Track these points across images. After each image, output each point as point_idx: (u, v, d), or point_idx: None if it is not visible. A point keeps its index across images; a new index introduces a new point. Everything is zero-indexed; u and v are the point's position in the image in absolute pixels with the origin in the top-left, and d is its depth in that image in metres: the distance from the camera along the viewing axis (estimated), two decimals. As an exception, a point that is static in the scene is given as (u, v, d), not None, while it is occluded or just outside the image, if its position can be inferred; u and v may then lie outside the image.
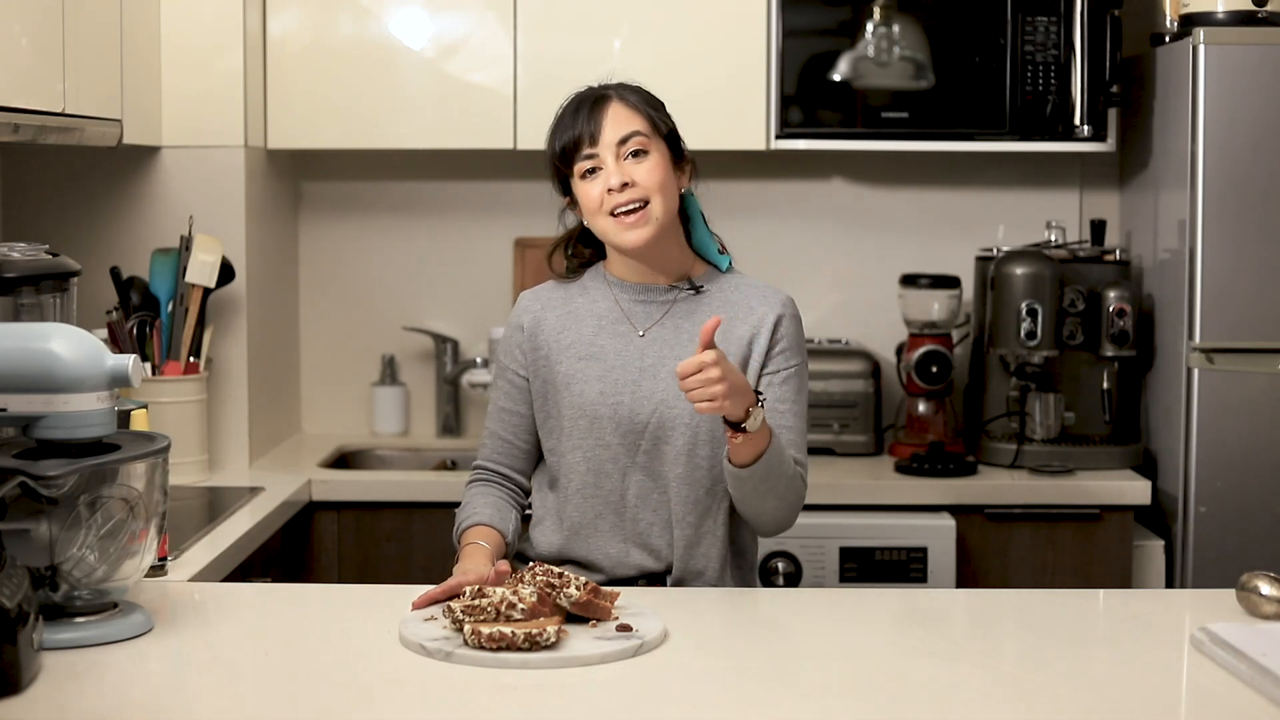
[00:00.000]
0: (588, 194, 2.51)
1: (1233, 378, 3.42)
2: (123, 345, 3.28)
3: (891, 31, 3.66)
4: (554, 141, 2.55)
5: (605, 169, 2.49)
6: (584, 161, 2.50)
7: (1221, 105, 3.39)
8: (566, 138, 2.52)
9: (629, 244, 2.49)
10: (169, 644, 2.12)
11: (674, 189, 2.53)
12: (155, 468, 2.13)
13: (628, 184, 2.47)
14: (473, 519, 2.53)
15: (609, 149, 2.49)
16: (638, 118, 2.52)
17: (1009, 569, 3.48)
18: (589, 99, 2.54)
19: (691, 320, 2.55)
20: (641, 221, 2.48)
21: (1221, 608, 2.25)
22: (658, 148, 2.51)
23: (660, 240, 2.53)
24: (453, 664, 2.02)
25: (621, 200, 2.47)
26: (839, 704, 1.94)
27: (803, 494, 2.52)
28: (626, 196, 2.47)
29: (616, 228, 2.49)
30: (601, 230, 2.52)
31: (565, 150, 2.52)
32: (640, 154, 2.49)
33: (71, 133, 2.95)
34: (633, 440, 2.52)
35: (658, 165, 2.50)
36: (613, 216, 2.49)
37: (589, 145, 2.49)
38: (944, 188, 4.03)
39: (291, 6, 3.68)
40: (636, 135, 2.50)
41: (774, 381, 2.54)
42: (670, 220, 2.53)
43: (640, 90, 2.57)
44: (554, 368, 2.56)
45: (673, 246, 2.57)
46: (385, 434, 4.01)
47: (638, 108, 2.53)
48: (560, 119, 2.55)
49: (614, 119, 2.50)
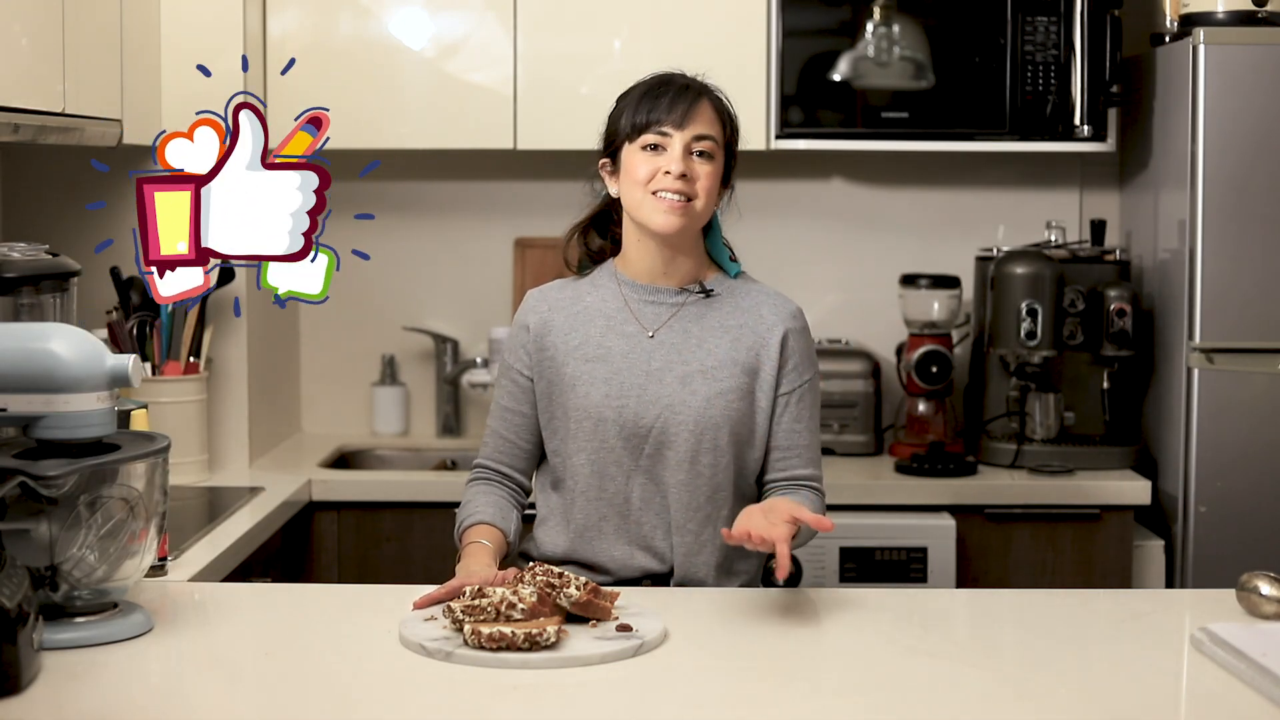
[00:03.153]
0: (639, 165, 2.50)
1: (1233, 378, 3.42)
2: (123, 345, 3.28)
3: (891, 31, 3.66)
4: (634, 110, 2.53)
5: (671, 152, 2.49)
6: (654, 136, 2.50)
7: (1221, 105, 3.39)
8: (652, 113, 2.51)
9: (660, 226, 2.49)
10: (169, 644, 2.12)
11: (715, 200, 2.55)
12: (155, 468, 2.13)
13: (685, 175, 2.48)
14: (474, 518, 2.53)
15: (683, 140, 2.49)
16: (719, 124, 2.54)
17: (1009, 569, 3.48)
18: (684, 85, 2.54)
19: (700, 324, 2.55)
20: (681, 211, 2.49)
21: (1221, 608, 2.25)
22: (720, 158, 2.54)
23: (684, 238, 2.54)
24: (453, 664, 2.02)
25: (673, 186, 2.48)
26: (839, 704, 1.94)
27: (823, 508, 2.56)
28: (678, 186, 2.48)
29: (654, 205, 2.49)
30: (636, 203, 2.51)
31: (642, 122, 2.51)
32: (705, 156, 2.51)
33: (71, 133, 2.95)
34: (636, 444, 2.52)
35: (715, 174, 2.52)
36: (655, 195, 2.49)
37: (671, 126, 2.49)
38: (944, 188, 4.04)
39: (291, 6, 3.68)
40: (711, 140, 2.52)
41: (790, 401, 2.55)
42: (699, 227, 2.55)
43: (728, 103, 2.59)
44: (560, 369, 2.56)
45: (691, 251, 2.58)
46: (385, 434, 4.01)
47: (722, 116, 2.56)
48: (647, 92, 2.54)
49: (702, 115, 2.52)
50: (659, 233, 2.51)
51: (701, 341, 2.54)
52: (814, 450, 2.57)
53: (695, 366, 2.52)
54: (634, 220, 2.54)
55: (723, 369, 2.52)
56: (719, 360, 2.53)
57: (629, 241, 2.59)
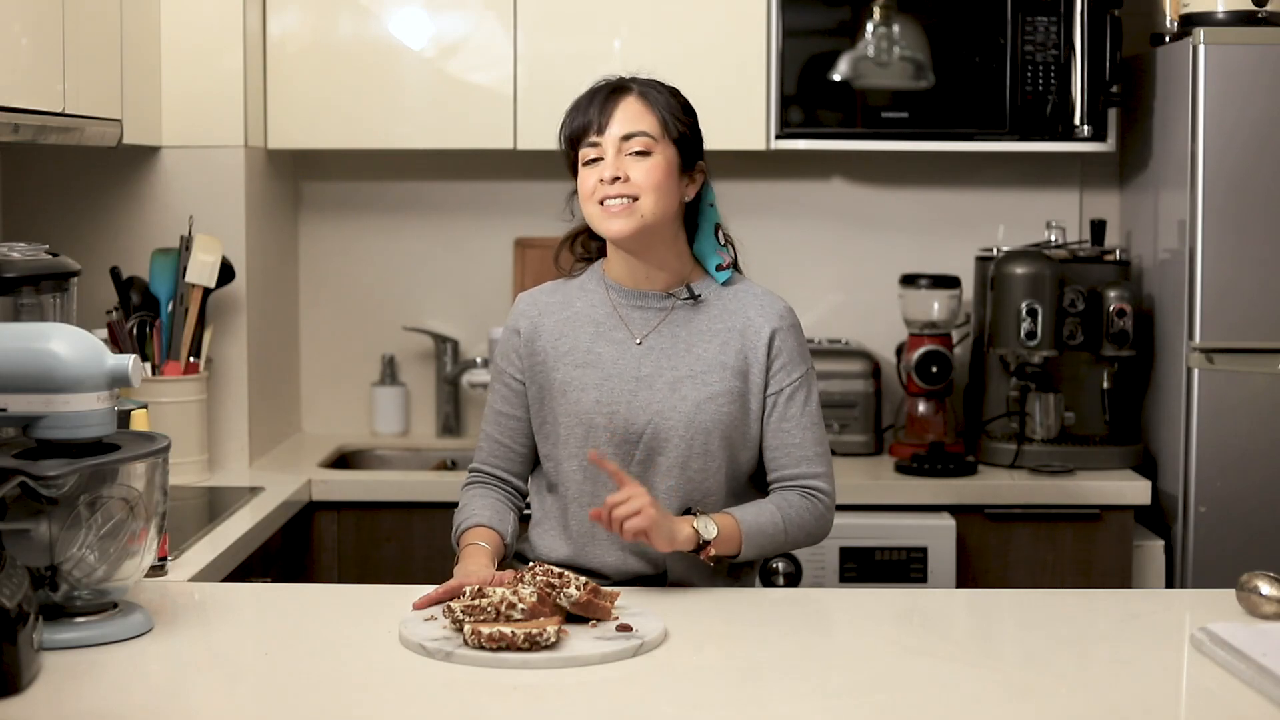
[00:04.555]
0: (584, 180, 2.51)
1: (1233, 378, 3.42)
2: (123, 345, 3.28)
3: (891, 31, 3.66)
4: (566, 125, 2.55)
5: (605, 160, 2.49)
6: (588, 149, 2.50)
7: (1221, 105, 3.39)
8: (577, 123, 2.52)
9: (609, 233, 2.49)
10: (169, 644, 2.12)
11: (672, 193, 2.50)
12: (155, 468, 2.13)
13: (619, 178, 2.47)
14: (471, 520, 2.52)
15: (612, 143, 2.48)
16: (649, 117, 2.50)
17: (1009, 569, 3.48)
18: (606, 89, 2.53)
19: (689, 329, 2.54)
20: (625, 213, 2.47)
21: (1221, 608, 2.25)
22: (663, 150, 2.49)
23: (649, 240, 2.51)
24: (453, 664, 2.02)
25: (610, 192, 2.47)
26: (839, 704, 1.94)
27: (820, 510, 2.53)
28: (616, 190, 2.47)
29: (601, 215, 2.49)
30: (589, 217, 2.52)
31: (574, 135, 2.52)
32: (640, 154, 2.48)
33: (71, 133, 2.95)
34: (627, 450, 2.51)
35: (656, 167, 2.48)
36: (600, 205, 2.49)
37: (595, 134, 2.49)
38: (944, 188, 4.03)
39: (291, 6, 3.68)
40: (641, 135, 2.48)
41: (779, 401, 2.53)
42: (661, 222, 2.50)
43: (667, 90, 2.55)
44: (550, 374, 2.56)
45: (669, 251, 2.56)
46: (385, 434, 4.01)
47: (652, 107, 2.51)
48: (576, 104, 2.55)
49: (624, 114, 2.49)
50: (615, 240, 2.51)
51: (690, 346, 2.53)
52: (806, 449, 2.53)
53: (684, 371, 2.51)
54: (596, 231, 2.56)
55: (712, 373, 2.52)
56: (708, 364, 2.52)
57: (609, 251, 2.60)
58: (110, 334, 3.26)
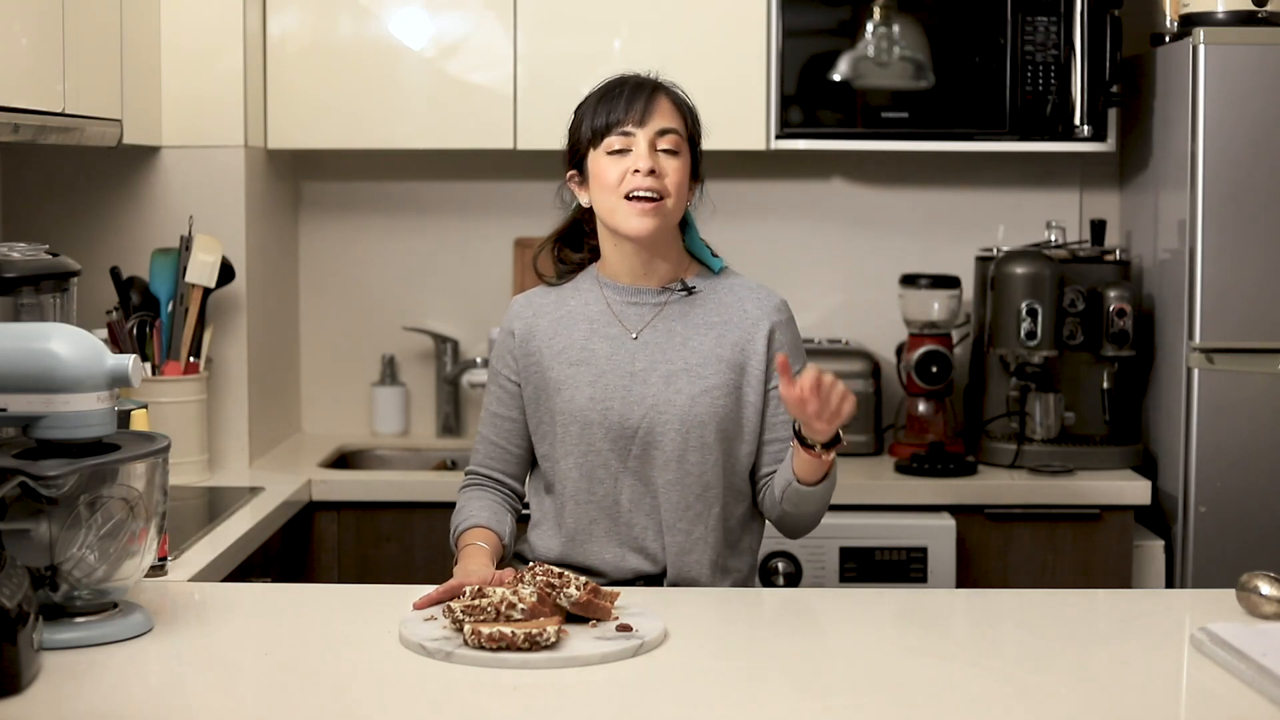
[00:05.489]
0: (608, 170, 2.49)
1: (1233, 378, 3.42)
2: (123, 345, 3.28)
3: (891, 31, 3.66)
4: (593, 115, 2.53)
5: (636, 151, 2.48)
6: (617, 139, 2.49)
7: (1221, 105, 3.39)
8: (611, 115, 2.51)
9: (635, 230, 2.49)
10: (169, 644, 2.12)
11: (685, 199, 2.55)
12: (155, 468, 2.13)
13: (655, 172, 2.48)
14: (469, 521, 2.53)
15: (647, 136, 2.49)
16: (679, 118, 2.54)
17: (1009, 569, 3.48)
18: (639, 84, 2.54)
19: (684, 323, 2.55)
20: (654, 212, 2.48)
21: (1221, 608, 2.25)
22: (685, 154, 2.53)
23: (661, 239, 2.53)
24: (453, 664, 2.02)
25: (644, 185, 2.47)
26: (839, 704, 1.94)
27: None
28: (650, 183, 2.47)
29: (629, 210, 2.48)
30: (609, 210, 2.51)
31: (608, 124, 2.51)
32: (671, 153, 2.50)
33: (71, 133, 2.95)
34: (623, 446, 2.51)
35: (682, 169, 2.51)
36: (627, 200, 2.48)
37: (632, 125, 2.49)
38: (944, 188, 4.03)
39: (291, 6, 3.68)
40: (674, 133, 2.51)
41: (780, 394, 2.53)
42: (674, 224, 2.54)
43: (686, 96, 2.59)
44: (545, 373, 2.56)
45: (670, 250, 2.58)
46: (385, 434, 4.01)
47: (681, 109, 2.55)
48: (604, 95, 2.54)
49: (662, 109, 2.52)
50: (635, 237, 2.51)
51: (685, 340, 2.54)
52: None
53: (679, 365, 2.52)
54: (609, 227, 2.54)
55: (707, 366, 2.52)
56: (703, 358, 2.53)
57: (607, 248, 2.59)
58: (110, 334, 3.26)
